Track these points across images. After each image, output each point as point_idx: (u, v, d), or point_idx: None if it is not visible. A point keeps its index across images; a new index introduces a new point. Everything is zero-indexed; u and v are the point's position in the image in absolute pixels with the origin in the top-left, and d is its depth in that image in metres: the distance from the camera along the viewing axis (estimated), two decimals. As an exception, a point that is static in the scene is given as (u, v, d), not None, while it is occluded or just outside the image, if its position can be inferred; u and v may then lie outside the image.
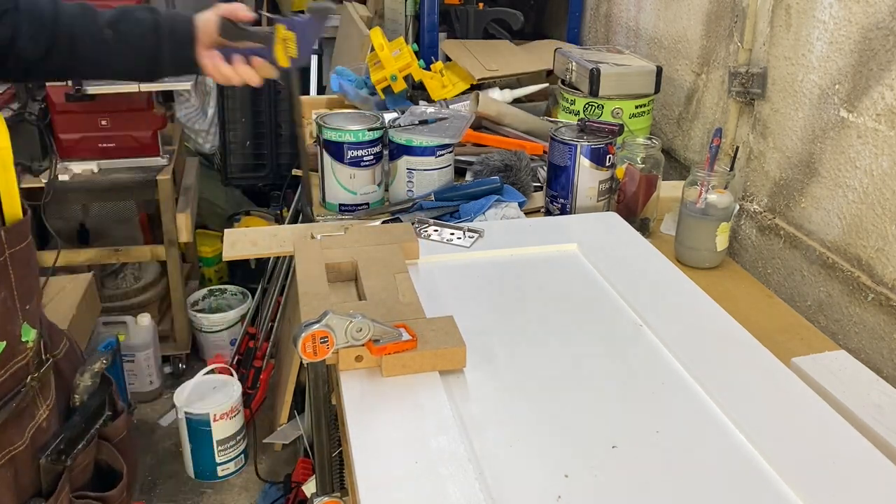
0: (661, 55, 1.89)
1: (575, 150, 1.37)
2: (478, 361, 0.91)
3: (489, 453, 0.77)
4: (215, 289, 2.93)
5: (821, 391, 0.89)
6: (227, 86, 3.30)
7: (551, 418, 0.83)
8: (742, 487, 0.75)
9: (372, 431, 0.78)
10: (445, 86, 1.95)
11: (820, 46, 1.25)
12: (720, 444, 0.80)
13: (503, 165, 1.53)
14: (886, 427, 0.84)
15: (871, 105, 1.14)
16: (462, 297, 1.06)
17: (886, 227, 1.13)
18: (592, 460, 0.77)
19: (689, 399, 0.87)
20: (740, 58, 1.47)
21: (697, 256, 1.30)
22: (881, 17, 1.12)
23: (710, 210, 1.27)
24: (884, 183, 1.13)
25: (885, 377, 0.98)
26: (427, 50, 2.22)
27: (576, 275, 1.13)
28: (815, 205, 1.29)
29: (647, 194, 1.39)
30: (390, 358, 0.85)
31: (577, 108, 1.75)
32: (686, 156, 1.79)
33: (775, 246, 1.39)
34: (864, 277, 1.17)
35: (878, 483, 0.75)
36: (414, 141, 1.44)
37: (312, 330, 0.81)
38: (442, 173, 1.48)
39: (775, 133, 1.39)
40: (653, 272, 1.14)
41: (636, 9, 2.05)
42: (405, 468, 0.73)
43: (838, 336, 1.21)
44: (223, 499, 2.27)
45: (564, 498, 0.72)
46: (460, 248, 1.19)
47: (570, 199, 1.40)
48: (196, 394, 2.21)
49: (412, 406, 0.81)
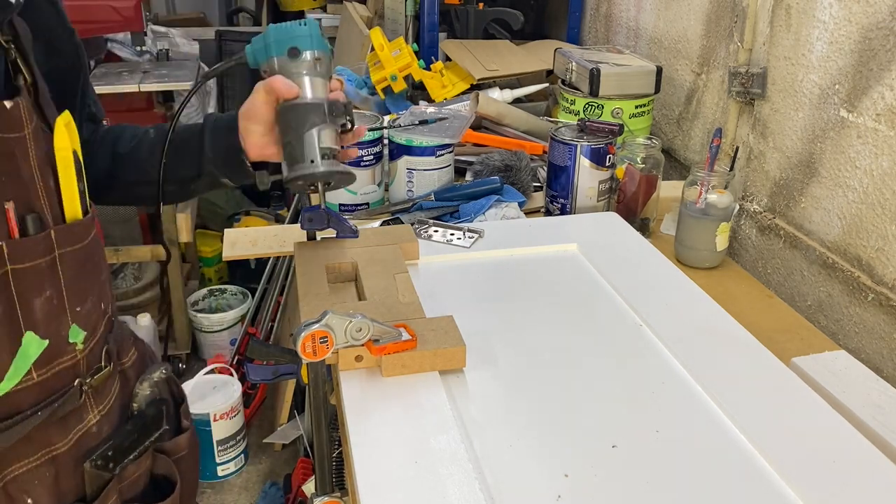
0: (661, 55, 1.89)
1: (575, 150, 1.37)
2: (478, 361, 0.91)
3: (489, 453, 0.77)
4: (215, 289, 2.93)
5: (821, 391, 0.89)
6: (228, 88, 3.31)
7: (551, 418, 0.83)
8: (742, 487, 0.75)
9: (372, 431, 0.78)
10: (445, 86, 1.95)
11: (820, 46, 1.25)
12: (720, 443, 0.80)
13: (503, 165, 1.53)
14: (886, 427, 0.84)
15: (871, 105, 1.14)
16: (462, 297, 1.06)
17: (886, 227, 1.13)
18: (592, 460, 0.77)
19: (689, 399, 0.87)
20: (740, 58, 1.47)
21: (697, 256, 1.30)
22: (881, 17, 1.12)
23: (710, 210, 1.27)
24: (884, 183, 1.13)
25: (885, 377, 0.98)
26: (427, 50, 2.22)
27: (576, 275, 1.13)
28: (815, 205, 1.29)
29: (647, 194, 1.39)
30: (390, 358, 0.85)
31: (577, 108, 1.75)
32: (686, 156, 1.79)
33: (775, 246, 1.39)
34: (864, 277, 1.17)
35: (878, 483, 0.75)
36: (414, 141, 1.44)
37: (312, 330, 0.81)
38: (442, 173, 1.48)
39: (775, 133, 1.39)
40: (653, 272, 1.14)
41: (636, 9, 2.05)
42: (405, 468, 0.73)
43: (838, 336, 1.21)
44: (223, 499, 2.27)
45: (564, 498, 0.72)
46: (460, 249, 1.19)
47: (570, 199, 1.40)
48: (196, 394, 2.21)
49: (412, 406, 0.81)
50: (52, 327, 0.77)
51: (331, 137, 0.96)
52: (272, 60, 0.95)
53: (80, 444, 0.83)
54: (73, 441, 0.82)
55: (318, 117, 0.95)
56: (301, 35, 0.94)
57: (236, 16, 3.85)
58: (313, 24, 0.97)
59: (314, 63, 0.95)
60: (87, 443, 0.84)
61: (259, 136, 0.98)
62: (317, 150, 0.95)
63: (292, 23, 0.97)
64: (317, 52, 0.95)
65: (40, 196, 0.74)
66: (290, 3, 3.66)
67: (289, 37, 0.94)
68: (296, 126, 0.95)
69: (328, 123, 0.95)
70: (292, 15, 3.69)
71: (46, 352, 0.76)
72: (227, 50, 3.16)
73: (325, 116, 0.95)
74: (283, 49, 0.94)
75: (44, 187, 0.74)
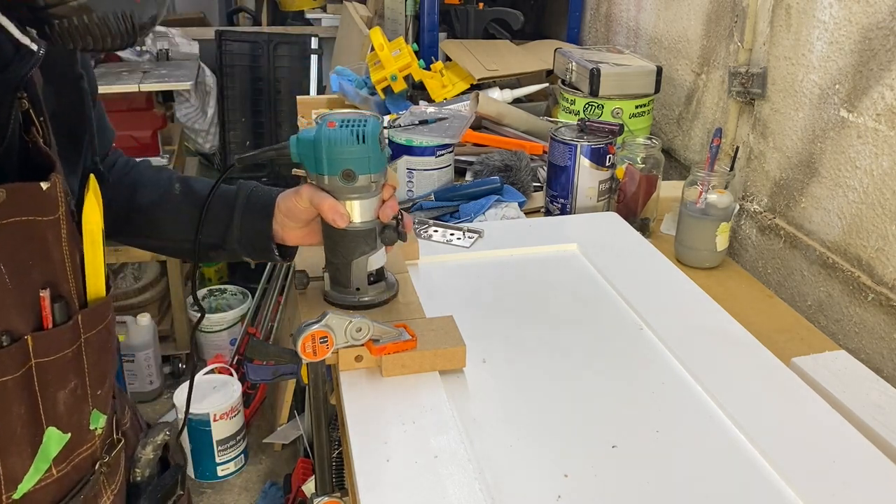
0: (661, 55, 1.89)
1: (575, 150, 1.37)
2: (478, 361, 0.91)
3: (489, 453, 0.77)
4: (215, 289, 2.93)
5: (821, 391, 0.89)
6: (228, 88, 3.31)
7: (551, 418, 0.83)
8: (742, 487, 0.75)
9: (372, 431, 0.78)
10: (445, 86, 1.95)
11: (820, 46, 1.25)
12: (720, 443, 0.80)
13: (503, 165, 1.53)
14: (886, 427, 0.84)
15: (871, 105, 1.14)
16: (462, 297, 1.06)
17: (886, 227, 1.13)
18: (592, 460, 0.77)
19: (689, 399, 0.87)
20: (740, 58, 1.47)
21: (697, 256, 1.30)
22: (881, 17, 1.12)
23: (710, 210, 1.27)
24: (884, 183, 1.13)
25: (885, 377, 0.97)
26: (427, 50, 2.22)
27: (576, 275, 1.13)
28: (815, 205, 1.29)
29: (647, 194, 1.39)
30: (390, 358, 0.85)
31: (577, 108, 1.75)
32: (686, 156, 1.79)
33: (775, 246, 1.39)
34: (864, 277, 1.17)
35: (878, 483, 0.75)
36: (414, 141, 1.44)
37: (312, 330, 0.81)
38: (442, 173, 1.48)
39: (775, 133, 1.39)
40: (653, 272, 1.14)
41: (636, 9, 2.05)
42: (405, 468, 0.73)
43: (838, 336, 1.21)
44: (223, 499, 2.27)
45: (564, 498, 0.72)
46: (460, 249, 1.19)
47: (570, 199, 1.40)
48: (196, 394, 2.21)
49: (412, 406, 0.81)
50: (73, 419, 0.70)
51: (379, 259, 0.92)
52: (323, 179, 0.87)
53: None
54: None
55: (367, 245, 0.90)
56: (358, 157, 0.86)
57: (236, 16, 3.84)
58: (373, 136, 0.86)
59: (369, 185, 0.88)
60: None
61: (298, 230, 0.94)
62: (364, 278, 0.91)
63: (349, 134, 0.85)
64: (373, 175, 0.87)
65: (68, 278, 0.67)
66: (290, 4, 3.65)
67: (344, 157, 0.85)
68: (343, 252, 0.91)
69: (378, 248, 0.91)
70: (293, 15, 3.69)
71: (67, 445, 0.70)
72: (227, 50, 3.16)
73: (374, 242, 0.90)
74: (337, 170, 0.86)
75: (71, 268, 0.68)
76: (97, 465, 0.74)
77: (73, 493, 0.72)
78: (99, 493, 0.76)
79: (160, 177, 0.97)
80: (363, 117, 0.88)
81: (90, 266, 0.70)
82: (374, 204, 0.90)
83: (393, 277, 0.99)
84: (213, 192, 0.92)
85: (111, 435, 0.78)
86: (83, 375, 0.70)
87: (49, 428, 0.67)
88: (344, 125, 0.86)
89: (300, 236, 0.95)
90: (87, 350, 0.70)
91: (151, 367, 2.62)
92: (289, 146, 0.89)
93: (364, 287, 0.92)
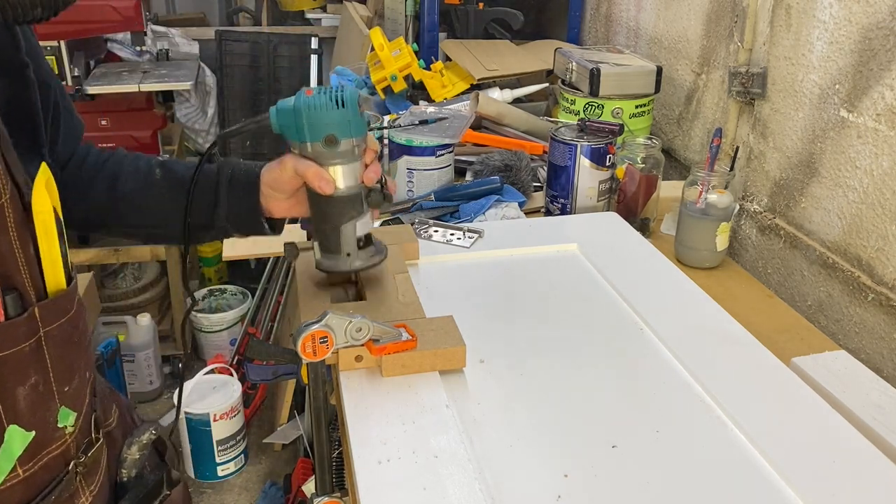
0: (661, 55, 1.89)
1: (575, 150, 1.37)
2: (478, 361, 0.91)
3: (489, 453, 0.77)
4: (215, 289, 2.93)
5: (821, 391, 0.89)
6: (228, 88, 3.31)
7: (551, 418, 0.83)
8: (742, 487, 0.75)
9: (372, 431, 0.78)
10: (445, 86, 1.95)
11: (820, 46, 1.25)
12: (720, 444, 0.80)
13: (503, 165, 1.53)
14: (886, 427, 0.84)
15: (871, 105, 1.14)
16: (462, 297, 1.06)
17: (886, 227, 1.13)
18: (592, 460, 0.77)
19: (689, 399, 0.87)
20: (740, 58, 1.47)
21: (697, 256, 1.30)
22: (881, 17, 1.12)
23: (710, 210, 1.27)
24: (884, 183, 1.13)
25: (885, 377, 0.98)
26: (427, 50, 2.22)
27: (576, 275, 1.13)
28: (815, 205, 1.29)
29: (647, 194, 1.39)
30: (390, 358, 0.85)
31: (577, 108, 1.75)
32: (686, 156, 1.79)
33: (775, 246, 1.39)
34: (864, 277, 1.17)
35: (878, 483, 0.74)
36: (414, 141, 1.44)
37: (312, 330, 0.81)
38: (442, 173, 1.48)
39: (775, 133, 1.39)
40: (653, 272, 1.14)
41: (636, 9, 2.05)
42: (405, 468, 0.73)
43: (838, 336, 1.21)
44: (223, 499, 2.27)
45: (564, 498, 0.72)
46: (460, 249, 1.19)
47: (570, 199, 1.40)
48: (196, 394, 2.22)
49: (412, 406, 0.81)
50: (37, 416, 0.67)
51: (367, 223, 0.92)
52: (305, 146, 0.87)
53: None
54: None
55: (355, 210, 0.90)
56: (339, 122, 0.85)
57: (236, 16, 3.84)
58: (352, 100, 0.85)
59: (352, 150, 0.87)
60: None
61: (284, 201, 0.94)
62: (353, 243, 0.91)
63: (328, 99, 0.85)
64: (355, 139, 0.87)
65: (20, 269, 0.64)
66: (290, 3, 3.65)
67: (325, 123, 0.85)
68: (331, 218, 0.90)
69: (364, 212, 0.91)
70: (293, 15, 3.69)
71: (32, 443, 0.67)
72: (227, 50, 3.16)
73: (361, 206, 0.90)
74: (319, 136, 0.86)
75: (24, 258, 0.64)
76: (71, 465, 0.72)
77: (44, 493, 0.69)
78: (76, 494, 0.74)
79: (139, 164, 0.96)
80: (340, 85, 0.88)
81: (46, 257, 0.67)
82: (357, 169, 0.90)
83: (381, 242, 0.98)
84: (198, 172, 0.91)
85: (89, 434, 0.76)
86: (45, 371, 0.67)
87: (10, 426, 0.65)
88: (322, 92, 0.86)
89: (287, 207, 0.95)
90: (49, 344, 0.67)
91: (151, 367, 2.62)
92: (269, 117, 0.89)
93: (354, 252, 0.92)
